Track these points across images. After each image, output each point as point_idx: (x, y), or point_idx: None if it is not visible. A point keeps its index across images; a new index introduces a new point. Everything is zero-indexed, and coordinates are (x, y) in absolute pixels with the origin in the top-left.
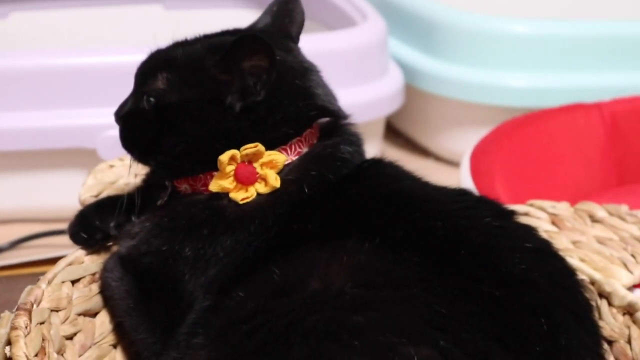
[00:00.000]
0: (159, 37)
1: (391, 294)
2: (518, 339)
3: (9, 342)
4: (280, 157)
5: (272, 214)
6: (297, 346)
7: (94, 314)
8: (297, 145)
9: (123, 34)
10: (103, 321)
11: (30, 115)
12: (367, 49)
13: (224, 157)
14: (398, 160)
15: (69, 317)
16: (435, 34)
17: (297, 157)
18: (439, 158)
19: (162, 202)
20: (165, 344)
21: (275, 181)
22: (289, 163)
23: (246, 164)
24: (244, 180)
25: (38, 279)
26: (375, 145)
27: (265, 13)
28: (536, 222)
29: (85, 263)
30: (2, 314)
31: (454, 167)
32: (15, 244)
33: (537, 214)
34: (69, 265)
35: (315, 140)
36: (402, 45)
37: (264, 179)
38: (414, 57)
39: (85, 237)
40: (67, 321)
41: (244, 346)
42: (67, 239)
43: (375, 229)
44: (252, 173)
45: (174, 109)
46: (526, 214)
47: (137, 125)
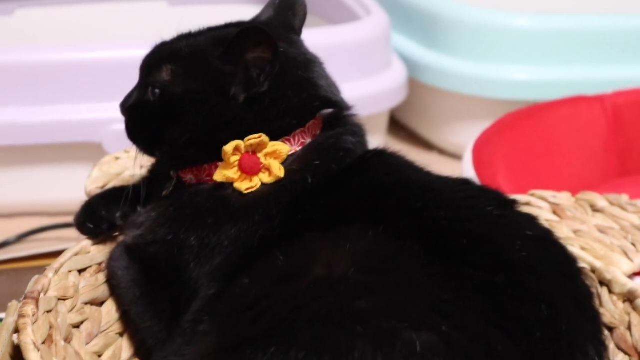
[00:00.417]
0: (164, 33)
1: (394, 280)
2: (519, 324)
3: (16, 330)
4: (284, 148)
5: (276, 203)
6: (301, 331)
7: (100, 303)
8: (300, 136)
9: (128, 30)
10: (109, 310)
11: (36, 110)
12: (370, 43)
13: (229, 148)
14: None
15: (76, 306)
16: (437, 28)
17: (300, 147)
18: (442, 151)
19: (168, 192)
20: (170, 332)
21: (279, 171)
22: (292, 153)
23: (250, 154)
24: (248, 170)
25: (45, 270)
26: (379, 139)
27: (268, 6)
28: (537, 212)
29: (91, 253)
30: (9, 303)
31: (457, 160)
32: (22, 237)
33: (539, 204)
34: (76, 255)
35: (318, 131)
36: (405, 39)
37: (268, 169)
38: (417, 51)
39: (92, 227)
40: (74, 310)
41: (249, 331)
42: (74, 232)
43: (379, 218)
44: (256, 163)
45: (178, 100)
46: (527, 203)
47: (142, 116)
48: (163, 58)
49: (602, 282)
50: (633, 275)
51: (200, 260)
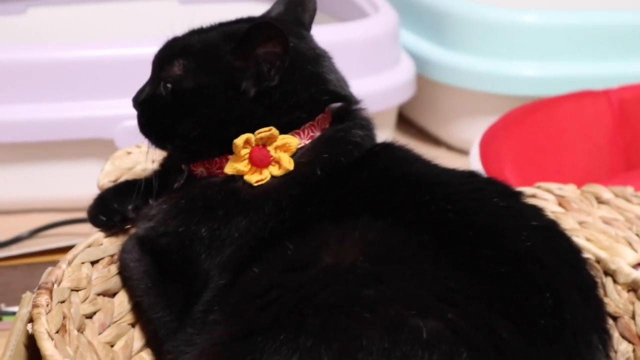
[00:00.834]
0: (174, 31)
1: (401, 268)
2: (524, 313)
3: (30, 319)
4: (294, 141)
5: (286, 195)
6: (310, 319)
7: (112, 294)
8: (310, 129)
9: (139, 29)
10: (122, 301)
11: (49, 107)
12: (379, 39)
13: (239, 141)
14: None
15: (89, 297)
16: (445, 24)
17: (310, 140)
18: (450, 147)
19: (179, 185)
20: (182, 322)
21: (288, 164)
22: (302, 146)
23: (260, 147)
24: (258, 163)
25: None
26: (388, 135)
27: (278, 2)
28: (543, 204)
29: (104, 245)
30: (23, 295)
31: (465, 156)
32: (34, 233)
33: (544, 196)
34: (89, 247)
35: (327, 125)
36: (414, 36)
37: (278, 162)
38: (426, 48)
39: (104, 219)
40: (87, 300)
41: (259, 320)
42: (86, 227)
43: (387, 210)
44: (266, 156)
45: (190, 95)
46: (533, 195)
47: (154, 110)
48: (175, 53)
49: (607, 272)
50: (637, 265)
51: (211, 252)
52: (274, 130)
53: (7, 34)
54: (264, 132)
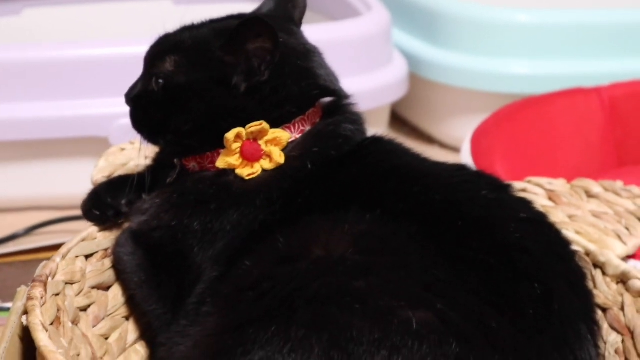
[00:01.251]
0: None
1: (391, 260)
2: (512, 303)
3: (25, 312)
4: (284, 135)
5: (277, 188)
6: (301, 310)
7: (106, 287)
8: (300, 124)
9: (133, 29)
10: (116, 294)
11: (44, 106)
12: (371, 38)
13: (230, 135)
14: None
15: (83, 290)
16: (438, 23)
17: (300, 135)
18: (443, 145)
19: (172, 180)
20: (175, 314)
21: (279, 157)
22: (292, 140)
23: (251, 141)
24: (249, 156)
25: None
26: (381, 133)
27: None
28: (533, 198)
29: (98, 239)
30: (18, 289)
31: (458, 154)
32: (30, 230)
33: (534, 190)
34: (83, 240)
35: (318, 119)
36: (406, 35)
37: (269, 156)
38: (418, 47)
39: (98, 214)
40: (81, 294)
41: (251, 312)
42: (81, 225)
43: (376, 202)
44: (258, 150)
45: (182, 90)
46: (524, 190)
47: (146, 106)
48: (167, 49)
49: (596, 265)
50: (626, 258)
51: (203, 245)
52: (264, 125)
53: (3, 35)
54: (254, 126)
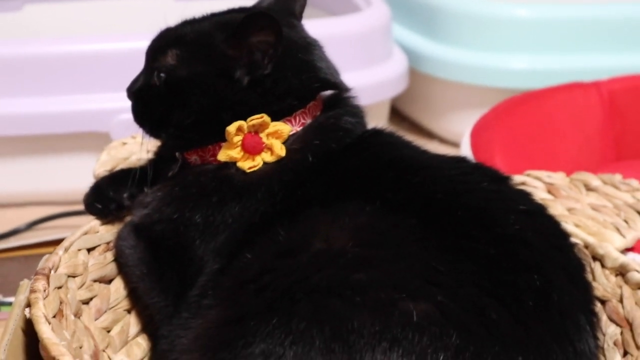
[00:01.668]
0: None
1: (391, 252)
2: (512, 294)
3: (28, 304)
4: (285, 128)
5: (278, 181)
6: (302, 303)
7: (109, 281)
8: (301, 117)
9: (134, 25)
10: (118, 287)
11: (45, 101)
12: (371, 33)
13: (232, 128)
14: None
15: (85, 283)
16: (438, 18)
17: (301, 127)
18: (443, 140)
19: (173, 173)
20: (177, 307)
21: (280, 150)
22: (293, 133)
23: (253, 134)
24: (250, 149)
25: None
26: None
27: None
28: (532, 191)
29: (100, 232)
30: (21, 282)
31: (458, 149)
32: (31, 225)
33: (534, 183)
34: (85, 234)
35: (318, 112)
36: (406, 30)
37: (270, 149)
38: (418, 42)
39: (100, 207)
40: (84, 287)
41: (252, 304)
42: (83, 219)
43: (376, 194)
44: (259, 143)
45: (183, 84)
46: (523, 183)
47: (148, 100)
48: (168, 43)
49: (595, 257)
50: (625, 250)
51: (205, 238)
52: (265, 118)
53: (4, 31)
54: (256, 119)
